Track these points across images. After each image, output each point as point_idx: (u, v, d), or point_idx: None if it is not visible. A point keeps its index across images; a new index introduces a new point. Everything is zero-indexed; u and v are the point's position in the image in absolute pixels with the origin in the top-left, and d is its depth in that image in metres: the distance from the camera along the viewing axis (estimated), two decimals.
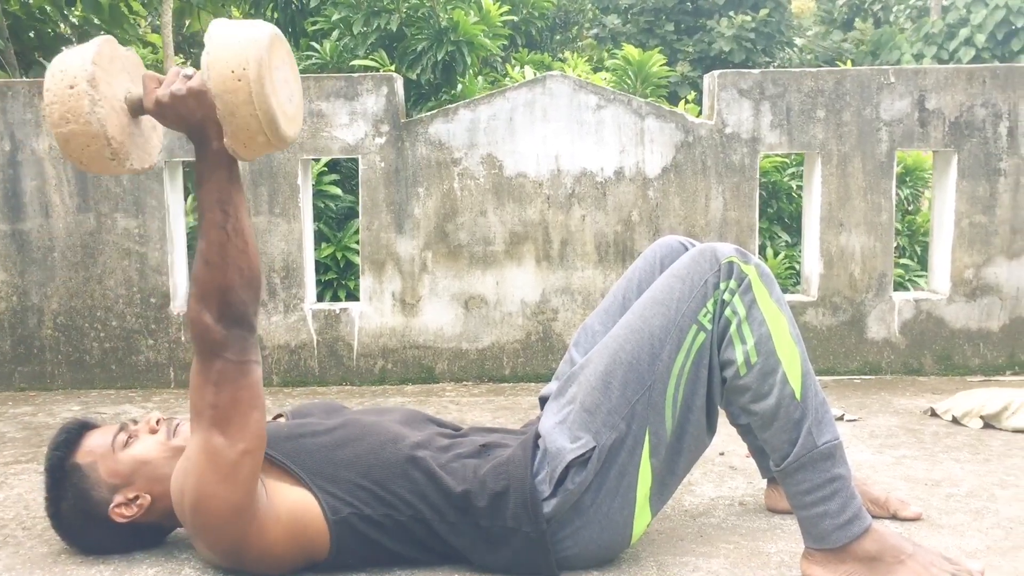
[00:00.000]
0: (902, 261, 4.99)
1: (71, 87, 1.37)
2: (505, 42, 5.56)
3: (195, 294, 1.48)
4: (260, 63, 1.37)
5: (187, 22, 6.94)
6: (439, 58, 4.64)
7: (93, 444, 1.68)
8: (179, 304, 3.44)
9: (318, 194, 4.35)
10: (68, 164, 3.35)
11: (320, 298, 4.14)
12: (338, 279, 4.36)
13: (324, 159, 4.41)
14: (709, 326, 1.60)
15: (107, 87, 1.41)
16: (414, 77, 4.70)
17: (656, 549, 1.77)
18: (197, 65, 9.09)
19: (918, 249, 5.18)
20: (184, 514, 1.56)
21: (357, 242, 4.17)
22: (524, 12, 6.50)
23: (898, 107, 3.36)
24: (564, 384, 1.70)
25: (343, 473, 1.60)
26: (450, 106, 3.41)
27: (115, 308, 3.40)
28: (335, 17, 4.94)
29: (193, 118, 1.43)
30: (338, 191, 4.46)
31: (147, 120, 1.52)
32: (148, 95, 1.45)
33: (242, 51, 1.37)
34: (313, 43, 5.21)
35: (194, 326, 1.48)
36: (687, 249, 1.86)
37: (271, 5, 5.99)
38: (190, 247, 4.02)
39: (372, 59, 4.68)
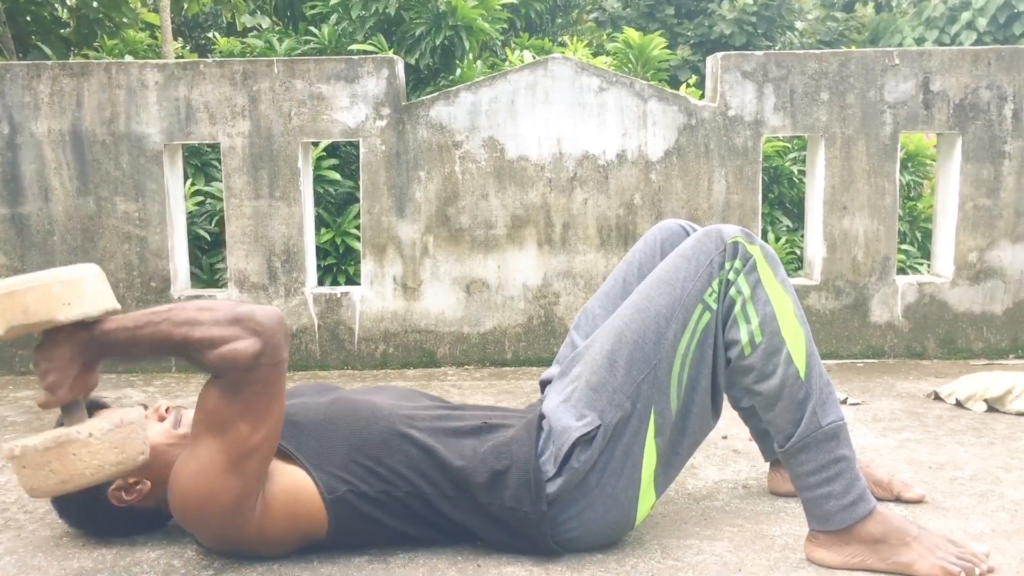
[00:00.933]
0: (903, 247, 4.98)
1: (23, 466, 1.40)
2: (504, 25, 5.52)
3: (205, 348, 1.44)
4: None
5: (185, 5, 6.89)
6: (438, 43, 4.62)
7: None
8: (179, 288, 3.43)
9: (317, 179, 4.33)
10: (67, 148, 3.33)
11: (319, 284, 4.13)
12: (338, 264, 4.35)
13: (323, 143, 4.39)
14: (714, 305, 1.59)
15: (39, 457, 1.41)
16: (413, 62, 4.67)
17: (660, 532, 1.76)
18: (198, 50, 9.02)
19: (919, 235, 5.16)
20: (186, 509, 1.52)
21: (357, 227, 4.16)
22: None
23: (902, 89, 3.34)
24: (568, 364, 1.69)
25: (337, 450, 1.59)
26: (451, 89, 3.39)
27: (115, 292, 3.37)
28: (333, 1, 4.91)
29: (58, 361, 1.45)
30: (337, 176, 4.44)
31: (90, 420, 1.49)
32: (43, 402, 1.45)
33: None
34: (311, 27, 5.18)
35: (232, 365, 1.44)
36: (687, 232, 1.86)
37: None
38: (190, 231, 4.01)
39: (370, 43, 4.65)
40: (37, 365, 1.44)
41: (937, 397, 2.80)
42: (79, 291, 1.42)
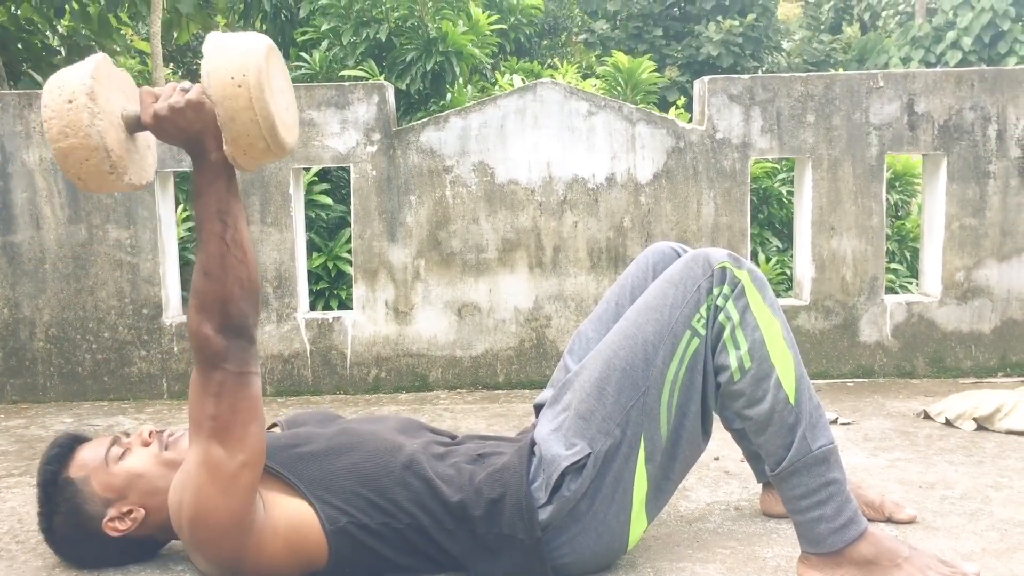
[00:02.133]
0: (892, 266, 5.00)
1: (70, 101, 1.39)
2: (494, 49, 5.57)
3: (195, 305, 1.47)
4: (259, 70, 1.39)
5: (175, 33, 6.93)
6: (428, 68, 4.65)
7: (86, 458, 1.67)
8: (171, 315, 3.43)
9: (309, 204, 4.35)
10: (59, 175, 3.34)
11: (312, 308, 4.14)
12: (330, 289, 4.36)
13: (314, 168, 4.41)
14: (703, 331, 1.60)
15: (105, 102, 1.42)
16: (403, 87, 4.71)
17: (652, 555, 1.77)
18: (189, 76, 9.06)
19: (907, 255, 5.19)
20: (182, 527, 1.55)
21: (348, 252, 4.17)
22: (512, 19, 6.51)
23: (887, 111, 3.37)
24: (559, 391, 1.70)
25: (340, 482, 1.60)
26: (441, 114, 3.41)
27: (107, 319, 3.39)
28: (324, 27, 4.94)
29: (192, 129, 1.44)
30: (329, 201, 4.46)
31: (142, 139, 1.54)
32: (146, 110, 1.46)
33: (241, 59, 1.40)
34: (303, 53, 5.21)
35: (194, 337, 1.48)
36: (679, 255, 1.87)
37: (260, 16, 6.00)
38: (182, 258, 4.01)
39: (361, 69, 4.69)
40: (183, 101, 1.42)
41: (927, 416, 2.82)
42: (260, 150, 1.44)
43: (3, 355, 3.40)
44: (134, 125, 1.48)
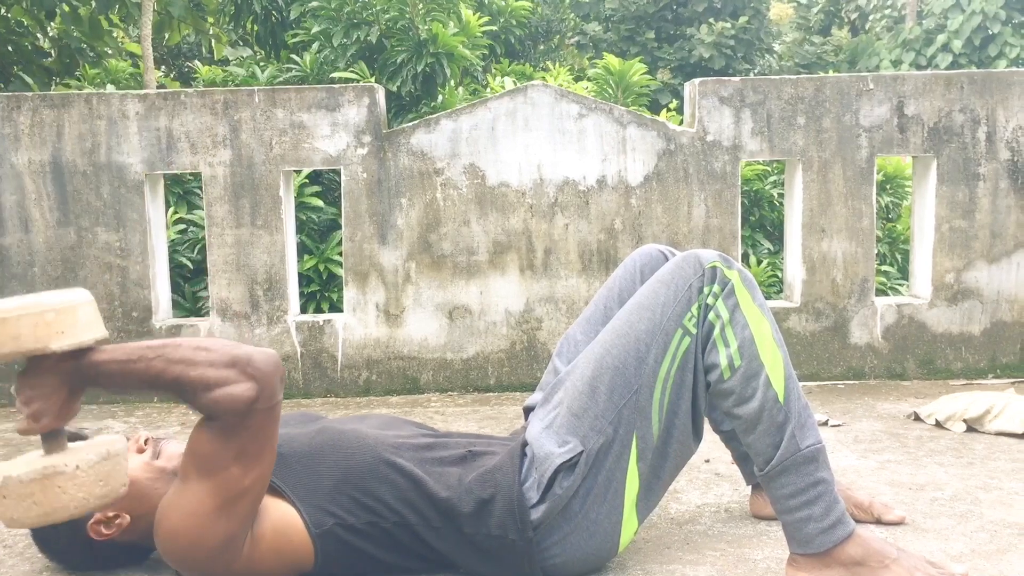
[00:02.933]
0: (883, 268, 5.01)
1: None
2: (485, 51, 5.57)
3: (199, 390, 1.42)
4: None
5: (167, 35, 6.92)
6: (419, 70, 4.65)
7: None
8: (161, 317, 3.42)
9: (300, 206, 4.34)
10: (48, 178, 3.33)
11: (303, 310, 4.13)
12: (321, 291, 4.34)
13: (306, 171, 4.40)
14: (694, 330, 1.61)
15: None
16: (394, 89, 4.70)
17: (643, 557, 1.77)
18: (180, 78, 9.02)
19: (899, 257, 5.20)
20: (174, 550, 1.51)
21: (340, 254, 4.17)
22: (502, 21, 6.51)
23: (877, 113, 3.38)
24: (551, 390, 1.71)
25: (324, 482, 1.59)
26: (432, 116, 3.41)
27: None
28: (315, 29, 4.94)
29: (49, 384, 1.38)
30: (320, 203, 4.45)
31: (73, 447, 1.46)
32: (25, 428, 1.38)
33: None
34: (293, 55, 5.21)
35: (220, 406, 1.42)
36: (667, 257, 1.88)
37: (251, 18, 5.99)
38: (172, 260, 4.00)
39: (352, 71, 4.68)
40: (21, 392, 1.38)
41: (917, 418, 2.82)
42: (73, 319, 1.37)
43: None
44: (50, 443, 1.41)
